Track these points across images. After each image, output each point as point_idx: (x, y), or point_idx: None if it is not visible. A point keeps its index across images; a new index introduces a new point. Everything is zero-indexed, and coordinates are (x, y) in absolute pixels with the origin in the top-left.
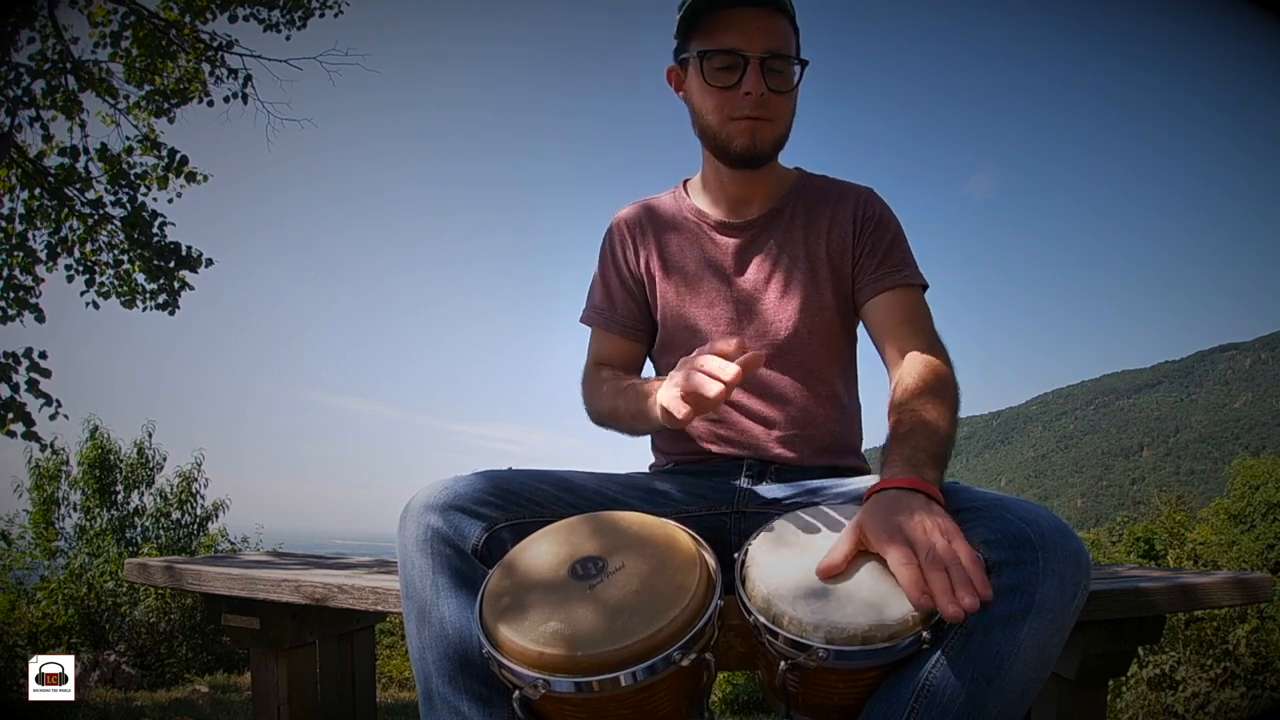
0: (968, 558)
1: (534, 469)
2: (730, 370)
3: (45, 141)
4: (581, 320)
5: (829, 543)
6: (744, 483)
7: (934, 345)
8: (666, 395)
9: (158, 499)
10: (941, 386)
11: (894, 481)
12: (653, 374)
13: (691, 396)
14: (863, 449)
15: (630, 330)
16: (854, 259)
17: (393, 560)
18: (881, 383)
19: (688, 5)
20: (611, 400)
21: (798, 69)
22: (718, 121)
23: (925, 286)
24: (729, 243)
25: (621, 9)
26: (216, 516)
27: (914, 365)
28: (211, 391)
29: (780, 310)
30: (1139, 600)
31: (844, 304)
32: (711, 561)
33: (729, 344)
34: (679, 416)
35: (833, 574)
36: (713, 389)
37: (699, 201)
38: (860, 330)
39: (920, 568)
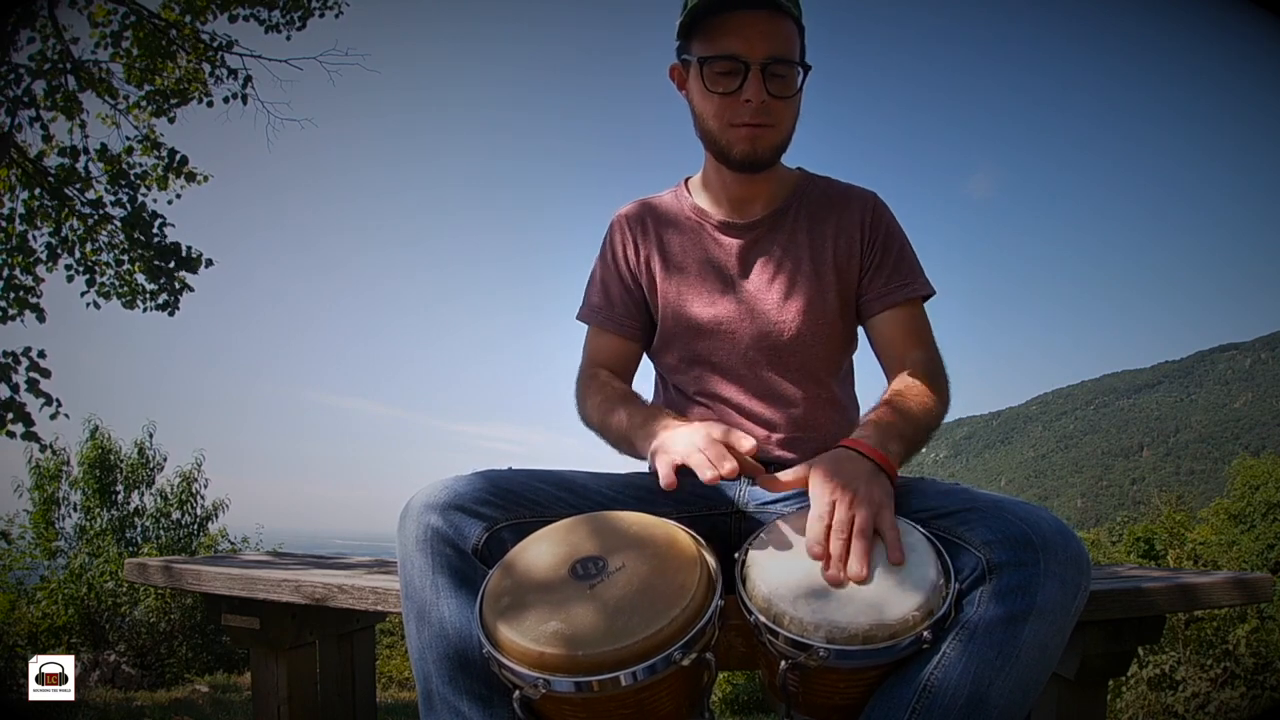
0: (862, 529)
1: (534, 469)
2: (728, 465)
3: (45, 141)
4: (578, 317)
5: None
6: (744, 483)
7: (933, 357)
8: (662, 461)
9: (158, 499)
10: (931, 388)
11: (858, 443)
12: (652, 372)
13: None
14: None
15: (627, 330)
16: (861, 269)
17: (393, 560)
18: (880, 384)
19: (689, 8)
20: (603, 415)
21: (801, 72)
22: (718, 127)
23: (931, 294)
24: (732, 243)
25: (621, 9)
26: (216, 516)
27: (912, 370)
28: (211, 391)
29: (783, 312)
30: (1139, 600)
31: (846, 308)
32: (712, 561)
33: (742, 444)
34: (663, 486)
35: (766, 486)
36: (707, 474)
37: (700, 200)
38: (862, 332)
39: (829, 527)
